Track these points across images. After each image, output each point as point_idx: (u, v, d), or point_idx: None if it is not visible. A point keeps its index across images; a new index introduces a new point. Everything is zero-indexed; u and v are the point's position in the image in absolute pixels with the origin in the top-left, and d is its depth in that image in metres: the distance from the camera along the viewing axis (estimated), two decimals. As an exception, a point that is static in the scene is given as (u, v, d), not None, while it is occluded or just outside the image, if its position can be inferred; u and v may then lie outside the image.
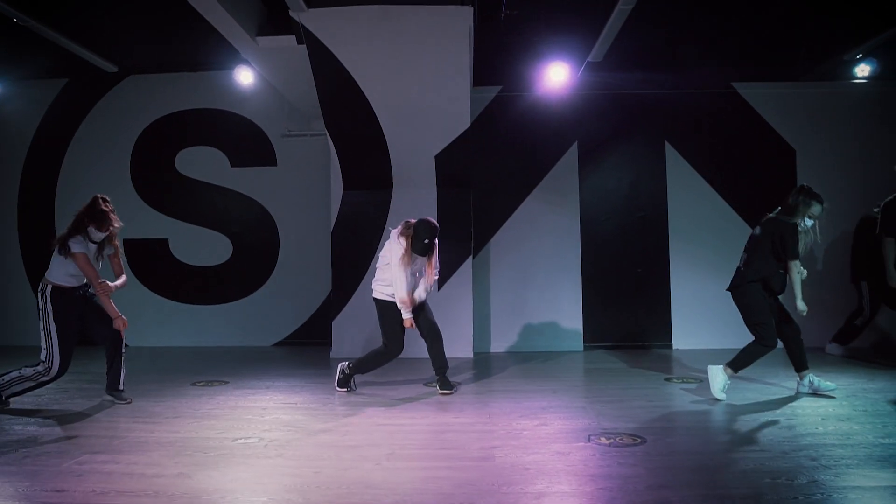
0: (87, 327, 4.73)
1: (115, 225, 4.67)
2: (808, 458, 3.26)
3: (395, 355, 5.06)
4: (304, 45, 5.75)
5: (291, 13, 5.50)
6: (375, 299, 5.06)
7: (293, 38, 5.80)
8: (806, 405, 4.43)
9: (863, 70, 7.11)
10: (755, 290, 4.69)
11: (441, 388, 5.04)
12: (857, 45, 6.56)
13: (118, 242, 4.83)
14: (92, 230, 4.57)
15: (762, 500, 2.75)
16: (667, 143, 7.47)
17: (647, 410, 4.38)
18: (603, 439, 3.66)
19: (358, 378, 5.28)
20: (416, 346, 6.19)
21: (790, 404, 4.47)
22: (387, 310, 5.00)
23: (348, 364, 5.13)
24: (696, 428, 3.92)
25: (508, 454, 3.41)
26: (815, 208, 4.63)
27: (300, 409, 4.52)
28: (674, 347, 7.33)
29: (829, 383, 4.73)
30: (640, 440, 3.63)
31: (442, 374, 5.09)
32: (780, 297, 4.83)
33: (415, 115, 6.28)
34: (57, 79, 8.02)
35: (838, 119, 7.40)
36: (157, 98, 8.02)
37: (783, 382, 5.15)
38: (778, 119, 7.43)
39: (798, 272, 4.62)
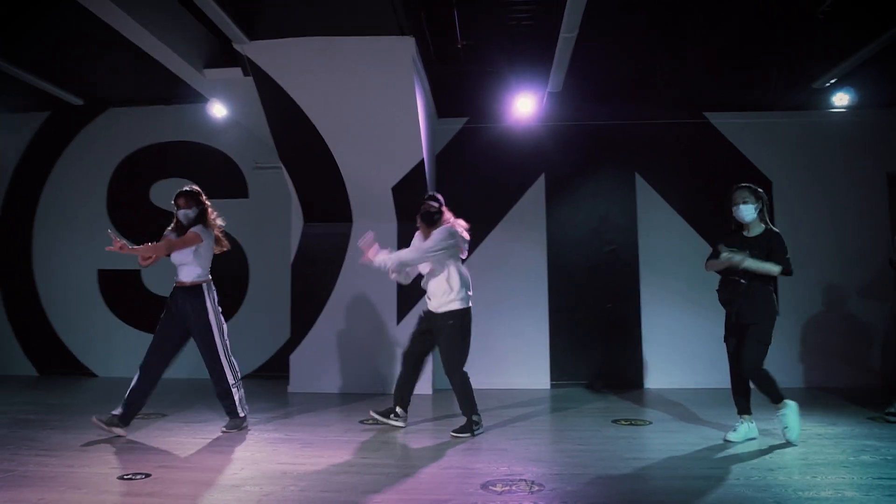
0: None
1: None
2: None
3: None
4: (251, 78, 5.76)
5: (235, 45, 5.53)
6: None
7: (239, 70, 5.83)
8: (740, 450, 4.13)
9: (841, 99, 6.85)
10: None
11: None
12: (826, 72, 6.33)
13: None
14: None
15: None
16: (637, 175, 7.27)
17: (568, 454, 4.13)
18: (499, 486, 3.43)
19: (300, 418, 5.22)
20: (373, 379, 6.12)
21: (731, 452, 4.17)
22: None
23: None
24: (607, 476, 3.65)
25: (384, 500, 3.22)
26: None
27: (207, 447, 4.38)
28: (645, 387, 7.02)
29: (739, 433, 4.41)
30: (538, 488, 3.40)
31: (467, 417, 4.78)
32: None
33: (367, 147, 6.22)
34: (39, 112, 8.22)
35: (816, 149, 7.15)
36: (133, 130, 8.15)
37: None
38: (753, 149, 7.21)
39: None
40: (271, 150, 7.78)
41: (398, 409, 4.97)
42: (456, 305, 4.76)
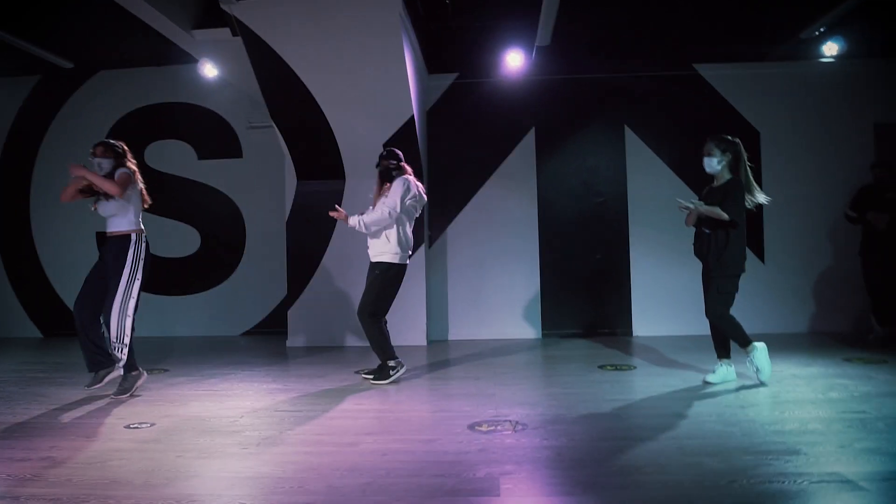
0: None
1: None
2: (676, 450, 3.20)
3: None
4: (240, 38, 5.79)
5: (222, 5, 5.55)
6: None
7: (228, 30, 5.85)
8: (717, 391, 4.33)
9: (830, 49, 6.86)
10: None
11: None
12: (813, 22, 6.33)
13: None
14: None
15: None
16: (626, 127, 7.34)
17: (554, 398, 4.33)
18: (484, 426, 3.64)
19: (298, 369, 5.37)
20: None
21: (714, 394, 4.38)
22: None
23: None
24: (588, 416, 3.85)
25: (377, 440, 3.42)
26: None
27: (208, 398, 4.57)
28: (634, 335, 7.23)
29: (718, 375, 4.58)
30: (522, 427, 3.60)
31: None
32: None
33: (358, 104, 6.29)
34: (30, 76, 8.23)
35: (804, 100, 7.20)
36: (126, 93, 8.17)
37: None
38: (741, 100, 7.26)
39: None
40: (264, 109, 7.82)
41: (390, 363, 5.04)
42: (387, 258, 4.93)
